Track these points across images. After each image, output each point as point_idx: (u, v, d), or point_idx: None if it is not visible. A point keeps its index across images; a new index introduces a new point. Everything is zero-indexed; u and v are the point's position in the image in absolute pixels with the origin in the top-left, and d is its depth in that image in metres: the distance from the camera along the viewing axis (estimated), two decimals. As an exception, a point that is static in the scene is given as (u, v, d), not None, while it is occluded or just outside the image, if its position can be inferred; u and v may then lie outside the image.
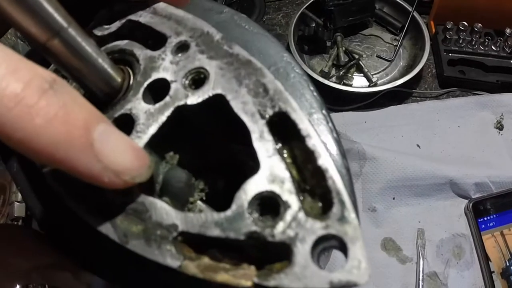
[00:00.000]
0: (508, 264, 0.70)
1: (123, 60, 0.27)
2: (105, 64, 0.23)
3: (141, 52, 0.26)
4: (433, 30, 0.91)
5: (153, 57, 0.26)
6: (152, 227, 0.21)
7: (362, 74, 0.87)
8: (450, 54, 0.87)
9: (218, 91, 0.23)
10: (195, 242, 0.21)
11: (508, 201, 0.74)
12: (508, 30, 0.87)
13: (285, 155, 0.22)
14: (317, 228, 0.19)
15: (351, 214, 0.19)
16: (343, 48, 0.87)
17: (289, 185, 0.20)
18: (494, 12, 0.87)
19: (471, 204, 0.74)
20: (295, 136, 0.22)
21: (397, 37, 0.91)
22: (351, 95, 0.82)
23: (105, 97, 0.25)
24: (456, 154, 0.79)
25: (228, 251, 0.21)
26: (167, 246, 0.20)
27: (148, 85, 0.25)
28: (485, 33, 0.89)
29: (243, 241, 0.20)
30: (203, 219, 0.21)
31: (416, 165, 0.75)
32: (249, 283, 0.19)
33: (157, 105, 0.24)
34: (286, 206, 0.20)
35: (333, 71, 0.86)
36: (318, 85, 0.74)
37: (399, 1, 0.92)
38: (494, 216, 0.74)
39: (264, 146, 0.22)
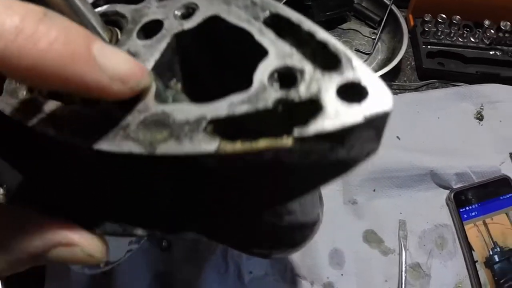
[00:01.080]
0: (491, 253, 0.70)
1: (108, 22, 0.27)
2: (96, 23, 0.24)
3: (125, 8, 0.28)
4: (412, 23, 0.92)
5: (138, 9, 0.27)
6: (179, 127, 0.21)
7: (341, 68, 0.87)
8: (429, 47, 0.88)
9: (211, 13, 0.25)
10: (225, 131, 0.21)
11: (490, 190, 0.75)
12: (486, 22, 0.88)
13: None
14: (335, 77, 0.20)
15: (359, 62, 0.21)
16: (321, 42, 0.87)
17: (298, 56, 0.22)
18: (473, 4, 0.89)
19: (452, 194, 0.74)
20: (290, 28, 0.23)
21: (375, 31, 0.93)
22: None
23: None
24: (436, 145, 0.79)
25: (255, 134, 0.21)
26: (199, 136, 0.20)
27: (141, 28, 0.26)
28: (463, 25, 0.90)
29: (272, 111, 0.20)
30: (229, 101, 0.21)
31: (396, 156, 0.76)
32: (290, 141, 0.19)
33: (154, 38, 0.25)
34: (302, 70, 0.21)
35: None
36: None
37: (377, -5, 0.93)
38: (476, 205, 0.74)
39: (266, 36, 0.23)
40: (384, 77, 0.81)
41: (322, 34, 0.22)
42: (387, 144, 0.78)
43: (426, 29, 0.88)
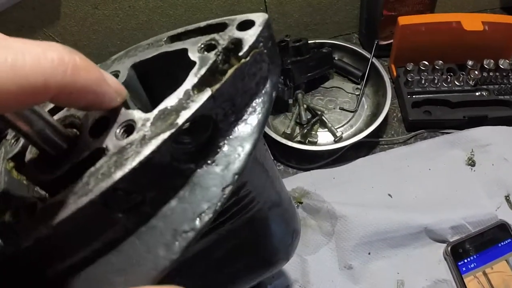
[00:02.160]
0: (493, 305, 0.71)
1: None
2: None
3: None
4: (394, 73, 0.94)
5: None
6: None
7: (326, 129, 0.90)
8: (414, 96, 0.90)
9: (129, 64, 0.34)
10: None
11: (487, 239, 0.76)
12: (469, 62, 0.90)
13: None
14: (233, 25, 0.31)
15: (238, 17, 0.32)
16: (305, 106, 0.90)
17: (205, 37, 0.31)
18: (454, 47, 0.91)
19: (449, 248, 0.76)
20: (185, 35, 0.34)
21: (358, 86, 0.95)
22: (317, 153, 0.85)
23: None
24: (429, 199, 0.81)
25: None
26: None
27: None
28: (447, 69, 0.92)
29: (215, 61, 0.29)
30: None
31: (389, 218, 0.77)
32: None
33: None
34: (215, 39, 0.30)
35: (297, 130, 0.90)
36: (282, 147, 0.78)
37: (358, 49, 0.96)
38: (475, 256, 0.75)
39: (175, 45, 0.33)
40: (371, 134, 0.84)
41: (203, 23, 0.33)
42: (379, 204, 0.80)
43: (409, 79, 0.90)
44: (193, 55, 0.29)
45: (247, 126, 0.29)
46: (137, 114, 0.27)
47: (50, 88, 0.21)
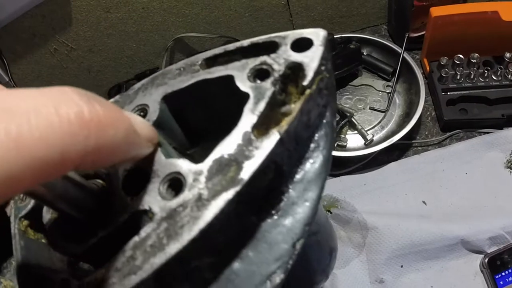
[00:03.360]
0: (534, 322, 0.69)
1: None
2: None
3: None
4: (427, 68, 0.89)
5: None
6: (239, 154, 0.23)
7: (356, 132, 0.86)
8: (448, 93, 0.86)
9: (159, 97, 0.30)
10: None
11: (528, 250, 0.73)
12: (507, 55, 0.85)
13: None
14: (284, 51, 0.27)
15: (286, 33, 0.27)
16: (333, 108, 0.87)
17: (252, 60, 0.27)
18: (490, 38, 0.86)
19: (486, 260, 0.73)
20: (222, 56, 0.30)
21: (389, 83, 0.91)
22: (346, 158, 0.82)
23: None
24: (465, 206, 0.78)
25: None
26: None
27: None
28: (483, 62, 0.87)
29: (274, 95, 0.25)
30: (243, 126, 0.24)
31: (422, 230, 0.75)
32: (302, 97, 0.25)
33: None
34: (264, 61, 0.27)
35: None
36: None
37: (387, 43, 0.91)
38: (514, 269, 0.72)
39: (215, 72, 0.28)
40: (404, 135, 0.80)
41: (246, 41, 0.28)
42: (413, 213, 0.78)
43: (443, 74, 0.85)
44: (243, 85, 0.26)
45: (312, 165, 0.25)
46: (184, 165, 0.23)
47: (69, 160, 0.17)
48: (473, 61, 0.85)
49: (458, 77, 0.86)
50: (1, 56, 0.85)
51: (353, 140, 0.88)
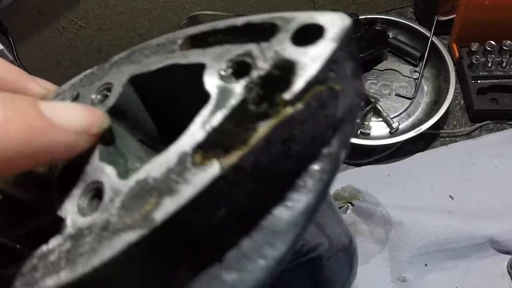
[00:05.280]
0: None
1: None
2: None
3: None
4: (457, 54, 0.86)
5: None
6: (163, 181, 0.18)
7: (381, 119, 0.83)
8: (478, 81, 0.83)
9: (127, 76, 0.25)
10: (213, 151, 0.19)
11: (560, 251, 0.71)
12: (543, 42, 0.81)
13: None
14: (283, 35, 0.20)
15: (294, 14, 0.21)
16: (356, 93, 0.84)
17: (234, 46, 0.21)
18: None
19: (515, 261, 0.71)
20: (210, 36, 0.23)
21: (416, 69, 0.88)
22: (370, 146, 0.79)
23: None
24: (495, 203, 0.76)
25: None
26: (192, 171, 0.18)
27: None
28: (516, 49, 0.83)
29: (245, 101, 0.19)
30: (199, 121, 0.19)
31: (450, 226, 0.73)
32: (291, 108, 0.18)
33: None
34: (248, 52, 0.21)
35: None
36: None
37: (415, 26, 0.88)
38: (544, 271, 0.71)
39: (191, 56, 0.23)
40: (431, 125, 0.78)
41: (241, 19, 0.22)
42: (439, 208, 0.76)
43: (474, 61, 0.82)
44: (210, 80, 0.20)
45: (287, 211, 0.19)
46: (109, 176, 0.20)
47: None
48: (505, 48, 0.83)
49: (489, 65, 0.83)
50: (6, 35, 0.82)
51: (377, 127, 0.85)
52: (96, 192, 0.20)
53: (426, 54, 0.85)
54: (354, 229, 0.77)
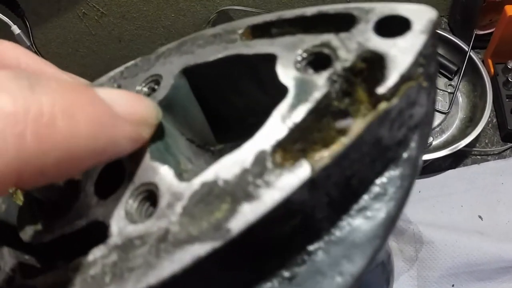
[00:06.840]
0: None
1: None
2: None
3: None
4: (492, 70, 0.85)
5: None
6: (236, 185, 0.16)
7: (413, 133, 0.82)
8: (513, 100, 0.82)
9: (179, 68, 0.24)
10: (295, 150, 0.17)
11: None
12: None
13: None
14: (363, 27, 0.19)
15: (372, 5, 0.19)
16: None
17: (308, 36, 0.20)
18: None
19: (541, 285, 0.73)
20: (275, 26, 0.22)
21: (451, 82, 0.87)
22: (402, 163, 0.78)
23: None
24: (524, 225, 0.76)
25: None
26: (275, 173, 0.16)
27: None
28: (552, 70, 0.83)
29: (329, 94, 0.18)
30: (278, 114, 0.17)
31: (480, 249, 0.74)
32: (385, 103, 0.17)
33: None
34: (326, 43, 0.19)
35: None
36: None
37: (452, 37, 0.87)
38: None
39: (256, 46, 0.21)
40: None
41: (311, 9, 0.21)
42: (469, 228, 0.77)
43: (510, 78, 0.82)
44: (285, 72, 0.19)
45: (367, 221, 0.17)
46: (164, 177, 0.18)
47: None
48: (542, 67, 0.82)
49: (525, 84, 0.83)
50: (23, 18, 0.77)
51: (410, 142, 0.83)
52: (148, 195, 0.18)
53: (463, 69, 0.85)
54: (382, 245, 0.77)
